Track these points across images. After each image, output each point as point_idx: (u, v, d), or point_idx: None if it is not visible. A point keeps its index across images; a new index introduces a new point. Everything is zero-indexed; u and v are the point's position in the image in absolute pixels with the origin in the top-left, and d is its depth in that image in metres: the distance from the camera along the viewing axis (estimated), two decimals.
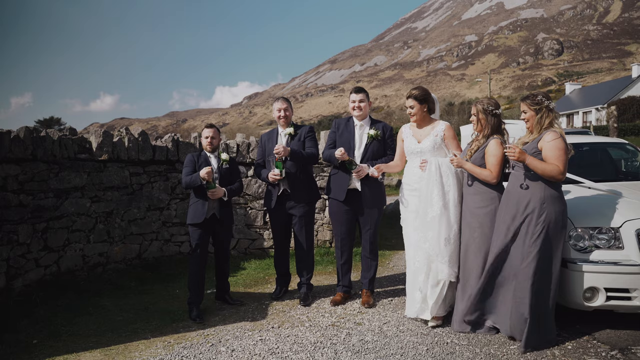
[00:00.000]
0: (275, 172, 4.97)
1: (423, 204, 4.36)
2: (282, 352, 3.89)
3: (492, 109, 4.21)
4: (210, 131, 4.99)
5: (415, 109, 4.56)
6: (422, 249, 4.36)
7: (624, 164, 6.32)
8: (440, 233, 4.27)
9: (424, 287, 4.35)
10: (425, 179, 4.37)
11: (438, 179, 4.32)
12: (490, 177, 4.15)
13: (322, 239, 7.48)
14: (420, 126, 4.64)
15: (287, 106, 5.20)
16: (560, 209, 3.88)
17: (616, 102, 41.07)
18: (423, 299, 4.36)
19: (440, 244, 4.27)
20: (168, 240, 6.94)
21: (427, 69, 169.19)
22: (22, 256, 5.17)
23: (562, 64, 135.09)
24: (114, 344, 4.14)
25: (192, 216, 4.87)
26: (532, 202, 3.87)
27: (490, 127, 4.22)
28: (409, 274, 4.52)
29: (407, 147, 4.66)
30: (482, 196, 4.23)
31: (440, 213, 4.27)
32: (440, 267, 4.29)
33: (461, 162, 4.23)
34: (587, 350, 3.80)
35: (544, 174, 3.82)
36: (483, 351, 3.82)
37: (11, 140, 4.97)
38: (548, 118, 3.95)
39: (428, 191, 4.33)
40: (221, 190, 4.84)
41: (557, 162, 3.80)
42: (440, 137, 4.50)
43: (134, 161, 6.55)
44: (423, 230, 4.34)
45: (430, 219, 4.30)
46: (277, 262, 5.44)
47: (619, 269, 3.93)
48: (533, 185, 3.90)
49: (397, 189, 18.28)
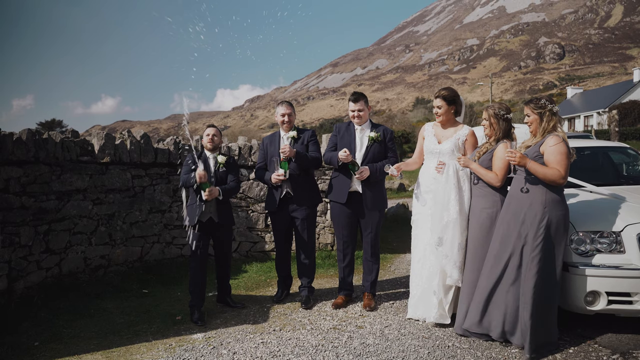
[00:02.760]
0: (279, 173, 4.98)
1: (439, 207, 4.38)
2: (284, 355, 3.89)
3: (504, 114, 4.29)
4: (212, 129, 5.05)
5: (442, 109, 4.58)
6: (435, 252, 4.38)
7: (625, 168, 6.31)
8: (454, 237, 4.33)
9: (438, 291, 4.40)
10: (442, 182, 4.40)
11: (456, 183, 4.36)
12: (495, 179, 4.19)
13: (324, 242, 7.48)
14: (444, 127, 4.66)
15: (291, 111, 5.22)
16: (562, 213, 3.87)
17: (617, 106, 41.09)
18: (439, 304, 4.39)
19: (454, 249, 4.33)
20: (170, 242, 6.94)
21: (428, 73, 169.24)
22: (24, 258, 5.17)
23: (564, 68, 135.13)
24: (115, 346, 4.14)
25: (190, 218, 4.88)
26: (534, 206, 3.87)
27: (502, 131, 4.29)
28: (420, 276, 4.55)
29: (427, 146, 4.67)
30: (485, 198, 4.26)
31: (456, 217, 4.32)
32: (451, 272, 4.35)
33: (468, 161, 4.29)
34: (589, 354, 3.80)
35: (545, 178, 3.81)
36: (484, 355, 3.82)
37: (13, 142, 4.99)
38: (551, 122, 3.95)
39: (445, 195, 4.36)
40: (215, 190, 4.80)
41: (558, 167, 3.80)
42: (462, 141, 4.54)
43: (136, 164, 6.56)
44: (438, 233, 4.37)
45: (446, 223, 4.34)
46: (279, 265, 5.44)
47: (621, 273, 3.93)
48: (534, 190, 3.90)
49: (398, 192, 18.29)
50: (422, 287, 4.53)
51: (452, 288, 4.42)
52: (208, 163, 4.94)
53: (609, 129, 33.32)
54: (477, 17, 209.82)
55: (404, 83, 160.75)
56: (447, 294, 4.42)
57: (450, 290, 4.42)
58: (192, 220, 4.83)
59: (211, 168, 4.93)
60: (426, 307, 4.50)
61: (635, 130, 34.93)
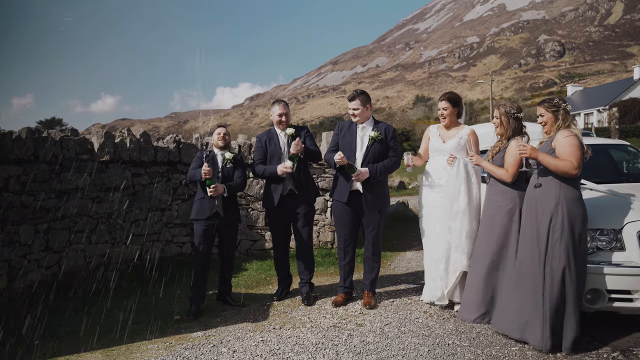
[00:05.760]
0: (287, 165, 5.03)
1: (449, 198, 4.68)
2: (284, 353, 3.89)
3: (514, 112, 4.41)
4: (223, 129, 5.23)
5: (448, 110, 4.87)
6: (443, 240, 4.70)
7: (625, 165, 6.30)
8: (462, 226, 4.63)
9: (444, 275, 4.74)
10: (453, 175, 4.70)
11: (465, 175, 4.67)
12: (506, 175, 4.31)
13: (324, 240, 7.48)
14: (448, 128, 4.93)
15: (288, 111, 5.34)
16: (579, 211, 3.83)
17: (618, 103, 41.05)
18: (442, 286, 4.76)
19: (462, 237, 4.63)
20: (170, 241, 6.94)
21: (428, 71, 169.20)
22: (24, 257, 5.17)
23: (564, 66, 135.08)
24: (115, 344, 4.14)
25: (196, 212, 4.99)
26: (547, 204, 3.86)
27: (512, 129, 4.41)
28: (430, 262, 4.87)
29: (432, 145, 4.97)
30: (502, 195, 4.37)
31: (465, 208, 4.63)
32: (459, 258, 4.65)
33: (479, 160, 4.49)
34: (589, 351, 3.80)
35: (557, 170, 3.81)
36: (485, 352, 3.82)
37: (13, 141, 4.98)
38: (566, 120, 3.98)
39: (456, 186, 4.66)
40: (220, 186, 4.91)
41: (570, 158, 3.79)
42: (465, 140, 4.76)
43: (136, 162, 6.56)
44: (448, 221, 4.68)
45: (455, 213, 4.65)
46: (278, 264, 5.44)
47: (621, 271, 3.93)
48: (547, 185, 3.90)
49: (398, 190, 18.34)
50: (432, 272, 4.86)
51: (457, 272, 4.68)
52: (216, 160, 5.06)
53: (609, 126, 33.29)
54: (477, 15, 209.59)
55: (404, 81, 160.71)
56: (450, 277, 4.72)
57: (455, 274, 4.70)
58: (202, 214, 4.93)
59: (219, 164, 5.06)
60: (429, 290, 4.89)
61: (635, 127, 34.92)
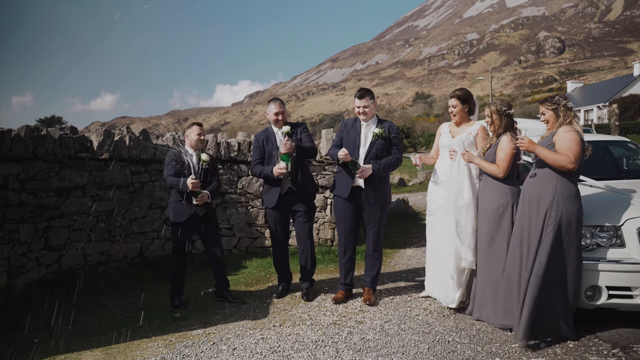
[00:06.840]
0: (281, 166, 5.00)
1: (454, 192, 4.63)
2: (284, 351, 3.89)
3: (505, 110, 4.44)
4: (200, 128, 5.16)
5: (457, 108, 4.82)
6: (451, 236, 4.62)
7: (625, 162, 6.30)
8: (467, 221, 4.57)
9: (454, 273, 4.65)
10: (455, 169, 4.67)
11: (468, 171, 4.63)
12: (497, 171, 4.32)
13: (324, 238, 7.48)
14: (458, 124, 4.90)
15: (284, 109, 5.34)
16: (573, 208, 3.85)
17: (618, 100, 41.03)
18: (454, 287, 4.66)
19: (468, 232, 4.56)
20: (169, 239, 6.92)
21: (428, 67, 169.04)
22: (24, 255, 5.17)
23: (564, 62, 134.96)
24: (115, 342, 4.14)
25: (176, 215, 4.96)
26: (544, 198, 3.88)
27: (503, 126, 4.43)
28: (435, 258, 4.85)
29: (442, 140, 4.96)
30: (495, 191, 4.38)
31: (469, 202, 4.57)
32: (465, 254, 4.56)
33: (471, 156, 4.49)
34: (589, 348, 3.80)
35: (554, 163, 3.84)
36: (484, 349, 3.82)
37: (12, 139, 4.97)
38: (567, 117, 4.00)
39: (459, 180, 4.63)
40: (205, 194, 4.92)
41: (568, 152, 3.82)
42: (473, 135, 4.75)
43: (135, 160, 6.55)
44: (455, 216, 4.61)
45: (460, 207, 4.59)
46: (277, 262, 5.44)
47: (621, 267, 3.93)
48: (544, 179, 3.92)
49: (398, 187, 18.34)
50: (437, 268, 4.82)
51: (466, 271, 4.63)
52: (192, 161, 4.99)
53: (609, 123, 33.31)
54: (476, 12, 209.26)
55: (404, 78, 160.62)
56: (461, 277, 4.65)
57: (464, 273, 4.64)
58: (181, 217, 4.92)
59: (195, 166, 4.99)
60: (443, 289, 4.77)
61: (635, 124, 34.90)
